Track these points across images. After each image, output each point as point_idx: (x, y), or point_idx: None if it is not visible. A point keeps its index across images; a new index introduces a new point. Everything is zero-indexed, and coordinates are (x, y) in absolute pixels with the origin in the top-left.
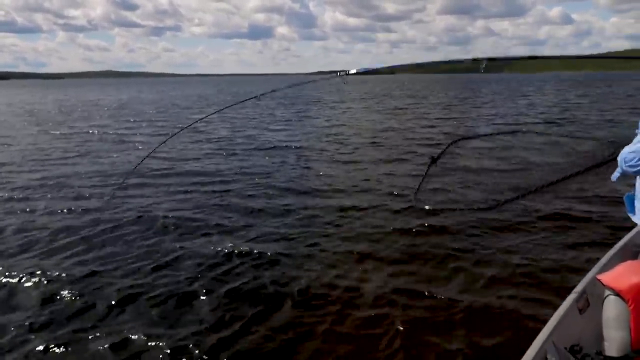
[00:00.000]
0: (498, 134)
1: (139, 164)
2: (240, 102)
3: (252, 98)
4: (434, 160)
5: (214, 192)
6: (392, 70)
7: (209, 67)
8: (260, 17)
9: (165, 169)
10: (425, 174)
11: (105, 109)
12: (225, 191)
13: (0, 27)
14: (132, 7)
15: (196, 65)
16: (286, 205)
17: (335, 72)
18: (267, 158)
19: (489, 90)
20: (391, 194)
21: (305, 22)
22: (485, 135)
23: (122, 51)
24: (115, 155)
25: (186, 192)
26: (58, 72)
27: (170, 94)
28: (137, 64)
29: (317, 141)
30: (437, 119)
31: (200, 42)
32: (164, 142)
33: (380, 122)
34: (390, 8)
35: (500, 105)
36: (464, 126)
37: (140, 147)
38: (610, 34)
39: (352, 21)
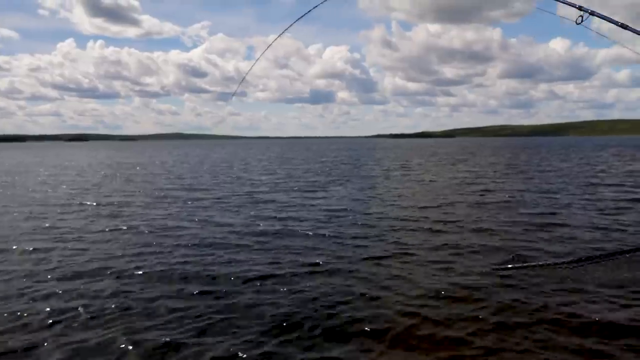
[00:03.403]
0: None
1: None
2: None
3: None
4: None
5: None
6: (452, 133)
7: (272, 129)
8: (321, 83)
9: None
10: None
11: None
12: None
13: (84, 93)
14: (202, 75)
15: (259, 128)
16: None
17: (394, 135)
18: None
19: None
20: None
21: (365, 87)
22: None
23: (190, 115)
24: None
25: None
26: (132, 134)
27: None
28: (204, 127)
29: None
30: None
31: (264, 107)
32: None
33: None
34: (450, 73)
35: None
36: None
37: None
38: None
39: (412, 85)
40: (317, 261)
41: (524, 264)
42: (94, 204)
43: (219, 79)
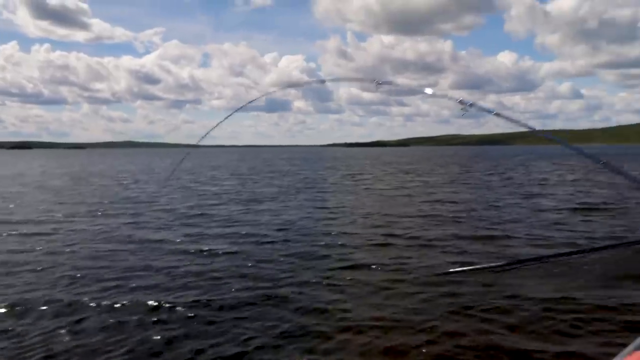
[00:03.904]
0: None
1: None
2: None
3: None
4: None
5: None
6: (406, 142)
7: (226, 138)
8: (277, 92)
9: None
10: None
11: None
12: None
13: (27, 98)
14: (155, 82)
15: (214, 136)
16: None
17: (349, 144)
18: None
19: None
20: None
21: (320, 96)
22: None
23: (142, 122)
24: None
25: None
26: (80, 142)
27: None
28: (157, 135)
29: None
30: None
31: (219, 115)
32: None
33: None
34: (403, 83)
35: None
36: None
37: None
38: (620, 108)
39: (366, 95)
40: (264, 285)
41: (467, 268)
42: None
43: (173, 86)
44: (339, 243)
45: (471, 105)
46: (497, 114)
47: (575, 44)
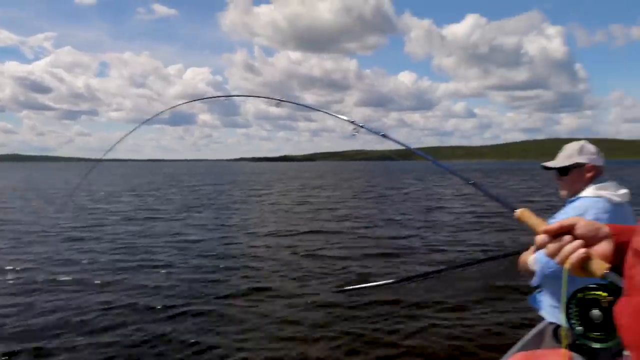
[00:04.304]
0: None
1: None
2: None
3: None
4: None
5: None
6: (313, 157)
7: (126, 152)
8: (183, 104)
9: None
10: None
11: None
12: None
13: None
14: (45, 90)
15: (114, 149)
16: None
17: (257, 158)
18: None
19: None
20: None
21: (227, 110)
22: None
23: (29, 134)
24: None
25: None
26: None
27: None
28: (48, 148)
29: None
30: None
31: (118, 127)
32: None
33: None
34: (310, 99)
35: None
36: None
37: None
38: (508, 127)
39: (274, 110)
40: (159, 304)
41: (363, 285)
42: None
43: (66, 95)
44: (239, 265)
45: (362, 126)
46: (384, 136)
47: (468, 67)
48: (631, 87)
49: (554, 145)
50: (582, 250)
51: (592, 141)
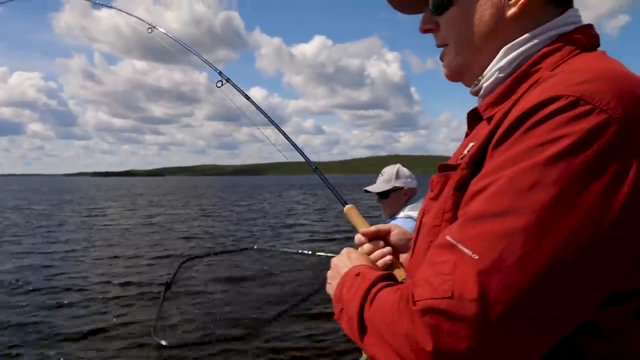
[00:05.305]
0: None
1: None
2: None
3: None
4: (168, 286)
5: None
6: (161, 172)
7: None
8: (7, 112)
9: None
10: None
11: None
12: None
13: None
14: None
15: None
16: None
17: (98, 173)
18: None
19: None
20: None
21: (63, 120)
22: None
23: None
24: None
25: None
26: None
27: None
28: None
29: None
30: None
31: None
32: None
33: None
34: (158, 111)
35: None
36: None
37: None
38: (354, 144)
39: (117, 121)
40: None
41: None
42: None
43: None
44: (65, 302)
45: (228, 80)
46: (247, 97)
47: (316, 86)
48: (457, 110)
49: (395, 160)
50: (388, 257)
51: (426, 158)
